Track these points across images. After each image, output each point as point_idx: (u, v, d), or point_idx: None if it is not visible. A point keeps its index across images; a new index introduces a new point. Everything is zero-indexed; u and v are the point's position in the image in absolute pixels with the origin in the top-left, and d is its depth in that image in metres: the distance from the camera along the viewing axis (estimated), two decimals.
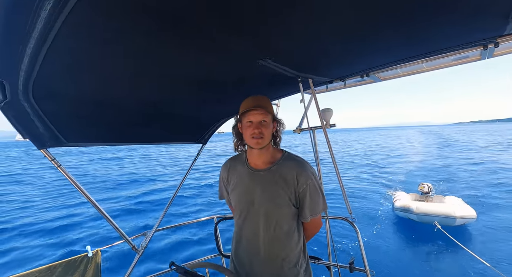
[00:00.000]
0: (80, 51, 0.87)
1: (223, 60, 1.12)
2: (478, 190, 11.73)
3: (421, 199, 8.54)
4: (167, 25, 0.78)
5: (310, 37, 0.99)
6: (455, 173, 15.99)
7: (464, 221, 6.82)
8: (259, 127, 1.26)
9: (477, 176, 14.94)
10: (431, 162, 20.83)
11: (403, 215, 7.71)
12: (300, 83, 1.52)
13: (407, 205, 7.51)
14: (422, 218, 7.12)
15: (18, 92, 1.01)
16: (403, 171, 17.48)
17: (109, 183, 15.17)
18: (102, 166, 22.77)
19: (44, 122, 1.28)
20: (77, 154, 36.58)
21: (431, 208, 7.10)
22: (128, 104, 1.49)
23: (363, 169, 18.54)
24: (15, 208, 10.61)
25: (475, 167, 17.88)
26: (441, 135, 66.37)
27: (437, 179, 14.34)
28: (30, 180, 17.45)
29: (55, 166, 1.48)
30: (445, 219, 6.75)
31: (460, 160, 21.60)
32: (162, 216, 2.24)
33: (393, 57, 1.42)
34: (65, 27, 0.68)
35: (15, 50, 0.76)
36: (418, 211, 7.12)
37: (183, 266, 1.21)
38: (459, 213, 6.74)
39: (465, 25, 1.04)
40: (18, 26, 0.66)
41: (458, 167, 18.19)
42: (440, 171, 17.07)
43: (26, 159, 34.17)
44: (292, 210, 1.29)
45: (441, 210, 6.91)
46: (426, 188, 8.43)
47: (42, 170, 21.57)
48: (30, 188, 14.89)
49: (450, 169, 17.45)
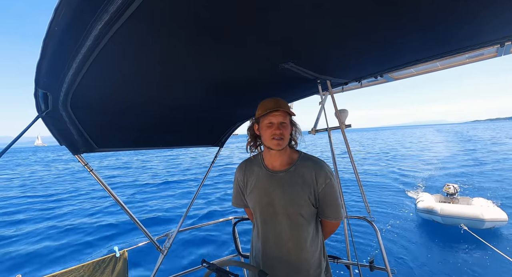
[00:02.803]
0: (118, 63, 0.94)
1: (246, 64, 1.16)
2: (510, 192, 11.01)
3: (446, 200, 8.15)
4: (199, 33, 0.82)
5: (331, 41, 1.03)
6: (482, 173, 15.12)
7: (494, 224, 6.41)
8: (280, 129, 1.26)
9: (508, 176, 14.03)
10: (456, 162, 19.84)
11: (427, 217, 7.39)
12: (319, 84, 1.56)
13: (431, 207, 7.17)
14: (447, 220, 6.78)
15: (59, 103, 1.10)
16: (425, 171, 16.77)
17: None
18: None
19: (78, 130, 1.39)
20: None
21: (457, 209, 6.74)
22: (153, 110, 1.57)
23: (383, 169, 17.99)
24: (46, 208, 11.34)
25: (505, 166, 16.85)
26: (461, 133, 63.35)
27: (463, 179, 13.64)
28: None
29: (87, 170, 1.60)
30: (473, 221, 6.38)
31: (487, 159, 20.46)
32: (183, 217, 2.33)
33: (409, 58, 1.43)
34: (110, 43, 0.75)
35: (64, 65, 0.83)
36: (443, 213, 6.79)
37: (214, 263, 1.22)
38: (488, 216, 6.33)
39: (482, 24, 1.04)
40: (70, 43, 0.73)
41: (485, 167, 17.22)
42: (467, 170, 16.22)
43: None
44: (312, 210, 1.30)
45: (468, 212, 6.54)
46: (451, 189, 8.02)
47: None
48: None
49: (477, 169, 16.53)
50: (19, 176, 24.09)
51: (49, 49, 0.73)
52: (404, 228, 7.64)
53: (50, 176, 22.77)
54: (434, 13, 0.89)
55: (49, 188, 16.83)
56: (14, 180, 21.78)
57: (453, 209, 6.80)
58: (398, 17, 0.88)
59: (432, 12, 0.88)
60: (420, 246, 6.57)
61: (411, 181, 13.91)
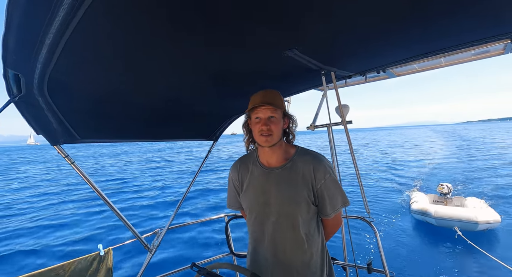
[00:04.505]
0: (99, 43, 0.83)
1: (245, 53, 1.09)
2: (502, 191, 11.18)
3: (440, 200, 8.20)
4: (185, 14, 0.74)
5: (338, 29, 0.97)
6: (476, 172, 15.37)
7: (488, 226, 6.43)
8: (268, 124, 1.18)
9: (500, 175, 14.28)
10: (450, 161, 20.13)
11: (421, 219, 7.41)
12: (323, 76, 1.48)
13: (425, 209, 7.18)
14: (441, 222, 6.78)
15: (33, 86, 0.98)
16: (421, 170, 16.95)
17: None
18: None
19: (57, 118, 1.27)
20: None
21: (450, 212, 6.75)
22: (143, 99, 1.48)
23: (379, 169, 18.12)
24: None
25: (497, 165, 17.18)
26: (455, 134, 64.40)
27: (457, 179, 13.82)
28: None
29: (68, 163, 1.49)
30: (466, 224, 6.40)
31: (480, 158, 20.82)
32: (173, 214, 2.23)
33: (414, 52, 1.38)
34: (87, 15, 0.64)
35: (34, 39, 0.71)
36: (437, 215, 6.79)
37: (205, 268, 1.15)
38: (482, 218, 6.36)
39: (489, 17, 0.99)
40: (39, 13, 0.62)
41: (479, 166, 17.53)
42: (460, 170, 16.46)
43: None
44: (311, 208, 1.21)
45: (461, 215, 6.55)
46: (445, 188, 8.06)
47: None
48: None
49: (470, 168, 16.81)
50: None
51: (14, 19, 0.61)
52: (400, 228, 7.64)
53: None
54: (437, 6, 0.85)
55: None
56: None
57: (446, 212, 6.80)
58: (402, 8, 0.84)
59: (436, 5, 0.85)
60: (416, 247, 6.57)
61: (406, 181, 14.00)
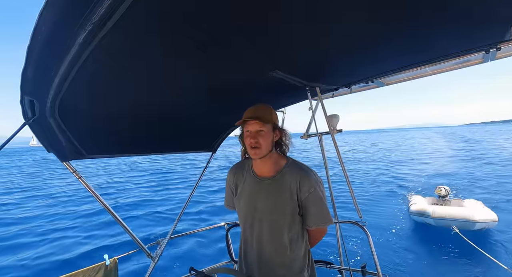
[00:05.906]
0: (105, 69, 0.93)
1: (235, 71, 1.17)
2: (501, 193, 11.25)
3: (439, 202, 8.24)
4: (185, 41, 0.82)
5: (318, 48, 1.04)
6: (474, 174, 15.41)
7: (485, 225, 6.53)
8: (256, 137, 1.27)
9: (499, 177, 14.32)
10: (450, 163, 20.17)
11: (420, 220, 7.48)
12: (308, 91, 1.57)
13: (424, 209, 7.28)
14: (439, 222, 6.87)
15: (46, 110, 1.09)
16: (419, 173, 16.94)
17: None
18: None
19: (67, 136, 1.37)
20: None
21: (448, 211, 6.86)
22: (144, 116, 1.56)
23: (378, 172, 18.13)
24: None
25: (497, 168, 17.23)
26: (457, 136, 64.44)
27: (456, 181, 13.84)
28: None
29: (76, 177, 1.58)
30: (464, 223, 6.49)
31: (480, 160, 20.86)
32: (175, 224, 2.29)
33: (397, 64, 1.46)
34: (96, 50, 0.74)
35: (49, 72, 0.82)
36: (435, 215, 6.88)
37: (202, 271, 1.22)
38: (479, 217, 6.46)
39: (468, 33, 1.08)
40: (54, 51, 0.72)
41: (478, 168, 17.59)
42: (459, 172, 16.50)
43: None
44: (296, 218, 1.30)
45: (459, 214, 6.66)
46: (443, 191, 8.13)
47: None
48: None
49: (469, 170, 16.86)
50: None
51: (34, 55, 0.72)
52: (397, 231, 7.68)
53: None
54: (419, 23, 0.91)
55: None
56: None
57: (444, 211, 6.90)
58: (384, 22, 0.89)
59: (417, 21, 0.90)
60: (412, 249, 6.61)
61: (405, 184, 14.03)
